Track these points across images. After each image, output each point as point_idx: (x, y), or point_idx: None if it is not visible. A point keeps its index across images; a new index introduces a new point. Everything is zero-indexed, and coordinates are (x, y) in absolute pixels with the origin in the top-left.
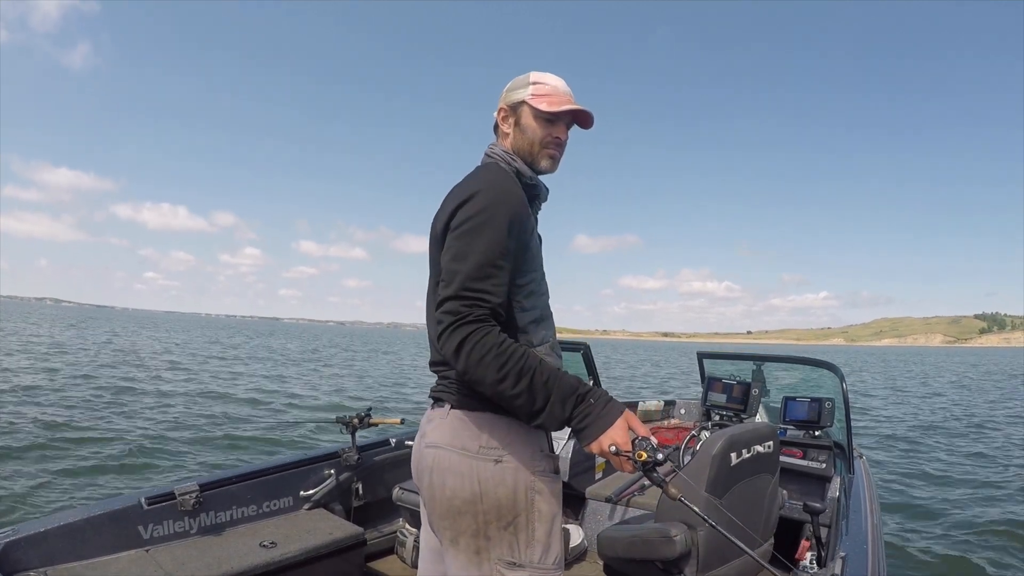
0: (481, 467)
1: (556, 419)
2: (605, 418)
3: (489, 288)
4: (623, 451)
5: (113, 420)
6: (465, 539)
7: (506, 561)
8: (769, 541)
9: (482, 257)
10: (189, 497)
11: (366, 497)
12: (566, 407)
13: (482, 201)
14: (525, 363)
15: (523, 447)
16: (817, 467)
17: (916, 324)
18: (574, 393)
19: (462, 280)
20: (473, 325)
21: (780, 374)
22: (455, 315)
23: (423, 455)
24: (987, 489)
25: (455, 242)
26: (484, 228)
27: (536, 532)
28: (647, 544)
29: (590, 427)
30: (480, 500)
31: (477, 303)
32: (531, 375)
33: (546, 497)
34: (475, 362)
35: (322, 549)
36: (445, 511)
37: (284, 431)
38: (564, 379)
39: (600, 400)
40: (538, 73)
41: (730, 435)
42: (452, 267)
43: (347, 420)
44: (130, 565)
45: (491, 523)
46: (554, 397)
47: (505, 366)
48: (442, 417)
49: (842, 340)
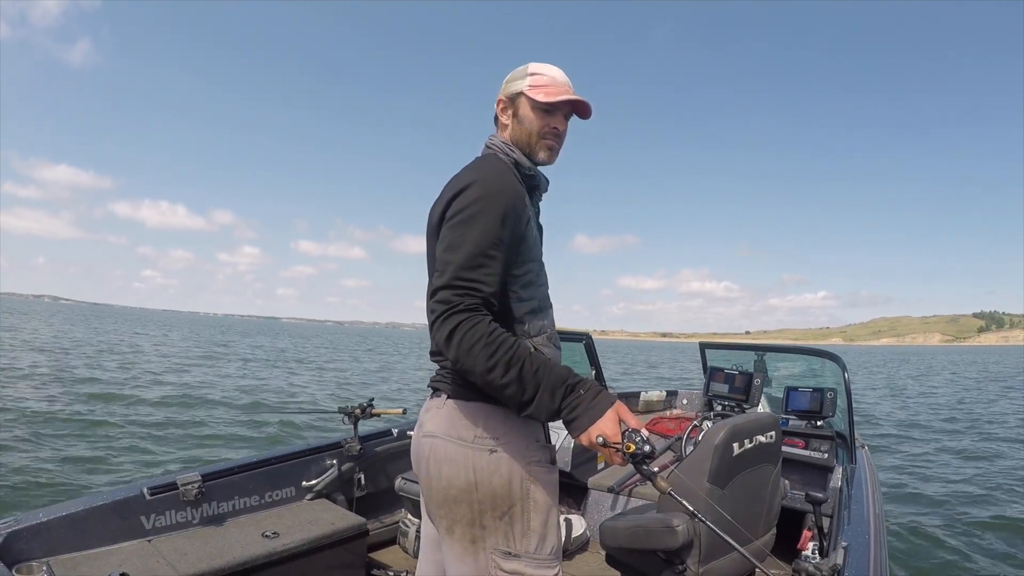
0: (476, 456)
1: (545, 409)
2: (595, 409)
3: (481, 277)
4: (611, 443)
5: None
6: (460, 528)
7: (501, 551)
8: (771, 531)
9: (475, 247)
10: (191, 487)
11: (368, 487)
12: (555, 397)
13: (476, 192)
14: (515, 352)
15: (518, 437)
16: (819, 457)
17: (915, 323)
18: (564, 383)
19: (454, 270)
20: (464, 314)
21: (782, 364)
22: (447, 304)
23: (421, 444)
24: (990, 481)
25: (449, 232)
26: (478, 218)
27: (531, 522)
28: (649, 534)
29: (579, 418)
30: (475, 489)
31: (469, 292)
32: (520, 364)
33: (542, 487)
34: (465, 350)
35: (324, 539)
36: (441, 500)
37: (283, 427)
38: (554, 369)
39: (590, 391)
40: (537, 64)
41: (732, 425)
42: (445, 257)
43: (349, 410)
44: (133, 555)
45: (486, 512)
46: (543, 387)
47: (495, 355)
48: (439, 407)
49: (840, 340)
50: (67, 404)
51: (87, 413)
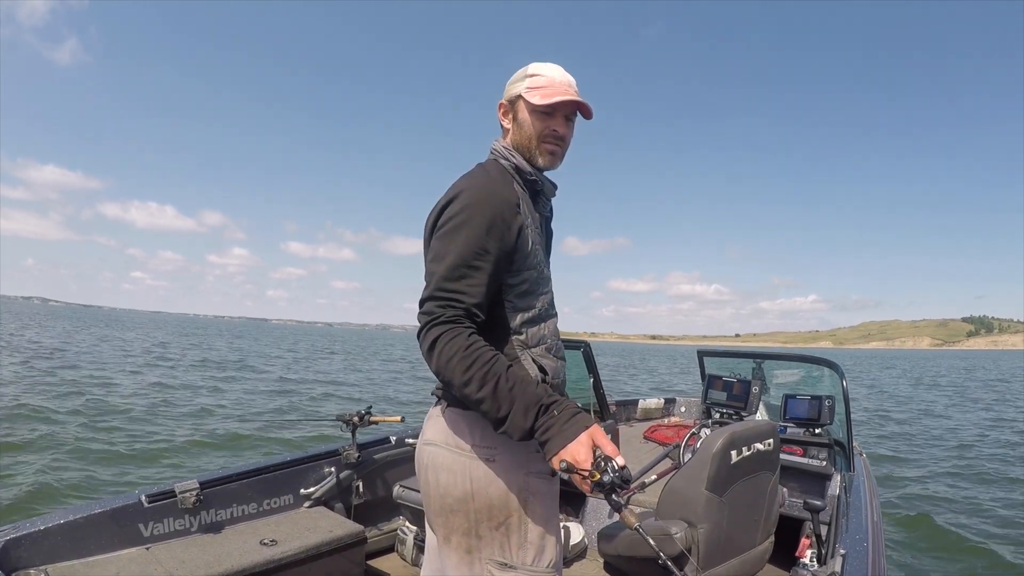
0: (473, 465)
1: (519, 428)
2: (566, 432)
3: (463, 288)
4: (579, 469)
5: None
6: (457, 537)
7: (497, 562)
8: (769, 539)
9: (457, 258)
10: (189, 495)
11: (366, 495)
12: (528, 417)
13: (462, 201)
14: (491, 368)
15: (517, 446)
16: (817, 465)
17: (904, 327)
18: (537, 403)
19: (437, 281)
20: (445, 326)
21: (780, 372)
22: (429, 315)
23: (421, 452)
24: (990, 487)
25: (435, 243)
26: (461, 229)
27: (529, 534)
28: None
29: (551, 440)
30: (472, 498)
31: (450, 304)
32: (496, 380)
33: (540, 499)
34: (444, 363)
35: (322, 547)
36: (438, 508)
37: (280, 430)
38: (529, 388)
39: (564, 412)
40: (538, 64)
41: (731, 433)
42: (430, 268)
43: (347, 418)
44: (131, 563)
45: (482, 522)
46: (517, 405)
47: (470, 369)
48: (438, 415)
49: (830, 343)
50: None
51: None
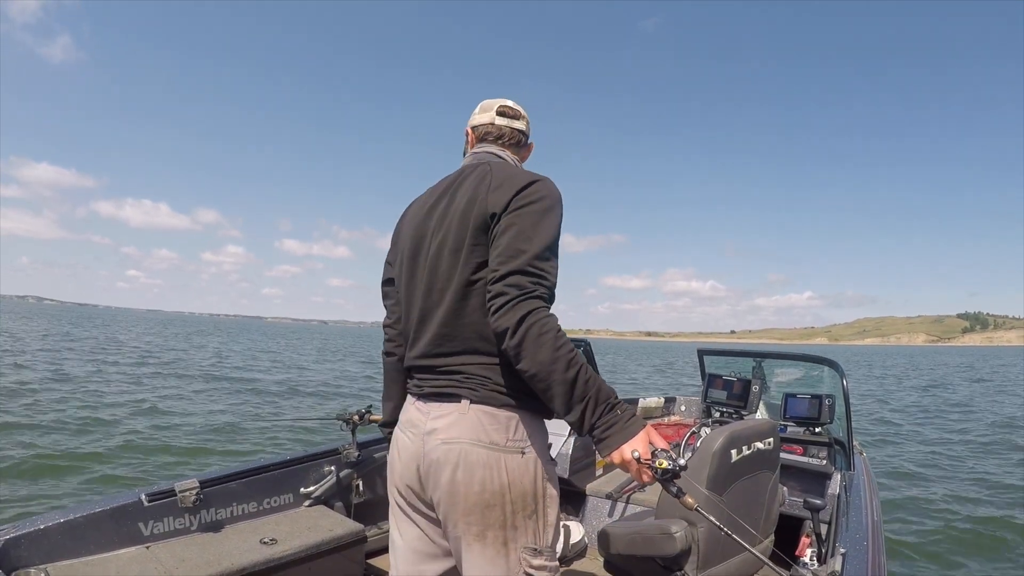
0: (508, 459)
1: (583, 420)
2: (629, 430)
3: (550, 269)
4: (645, 459)
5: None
6: (494, 531)
7: (530, 548)
8: (770, 538)
9: (549, 239)
10: (189, 494)
11: (366, 494)
12: (596, 412)
13: (546, 188)
14: (576, 355)
15: (542, 437)
16: (817, 464)
17: (899, 323)
18: (607, 400)
19: (529, 258)
20: (539, 301)
21: (780, 371)
22: (521, 289)
23: (439, 451)
24: (989, 486)
25: (519, 220)
26: (548, 213)
27: (549, 516)
28: (647, 541)
29: (613, 436)
30: (509, 490)
31: (540, 282)
32: (579, 367)
33: (553, 482)
34: (533, 337)
35: (323, 546)
36: (473, 505)
37: (279, 430)
38: (603, 385)
39: (627, 412)
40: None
41: (731, 432)
42: (517, 244)
43: (347, 417)
44: (131, 562)
45: (518, 512)
46: (590, 398)
47: (560, 350)
48: (461, 412)
49: (825, 340)
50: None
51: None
